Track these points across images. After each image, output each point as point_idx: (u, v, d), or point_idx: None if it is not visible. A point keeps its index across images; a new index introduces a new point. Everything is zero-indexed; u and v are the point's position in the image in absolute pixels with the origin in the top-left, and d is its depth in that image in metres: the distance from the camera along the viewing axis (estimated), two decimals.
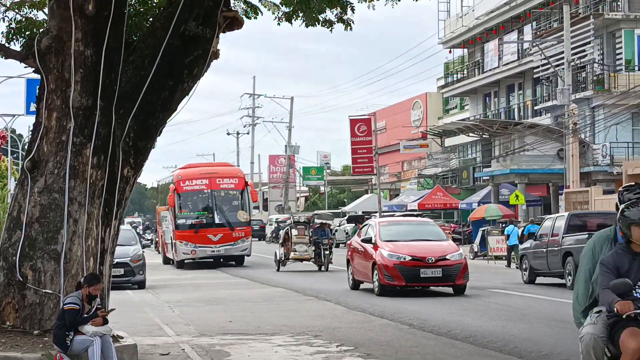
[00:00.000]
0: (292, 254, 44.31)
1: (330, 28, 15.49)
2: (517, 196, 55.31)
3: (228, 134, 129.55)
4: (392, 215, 64.97)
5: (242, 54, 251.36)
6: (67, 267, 14.22)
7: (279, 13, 15.65)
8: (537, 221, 45.74)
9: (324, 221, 49.11)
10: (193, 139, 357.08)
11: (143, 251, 35.13)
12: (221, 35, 15.74)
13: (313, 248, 44.20)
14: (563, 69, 54.74)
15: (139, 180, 17.24)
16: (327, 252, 44.18)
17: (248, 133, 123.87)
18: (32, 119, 19.40)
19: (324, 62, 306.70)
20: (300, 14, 14.39)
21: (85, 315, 13.33)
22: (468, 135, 71.97)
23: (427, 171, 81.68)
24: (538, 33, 64.80)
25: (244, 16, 16.53)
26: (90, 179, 14.39)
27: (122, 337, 15.05)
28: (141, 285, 33.05)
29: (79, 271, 14.21)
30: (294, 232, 44.89)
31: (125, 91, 14.81)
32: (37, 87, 15.24)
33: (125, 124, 14.84)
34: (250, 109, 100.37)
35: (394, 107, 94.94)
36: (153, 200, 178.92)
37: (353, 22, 15.56)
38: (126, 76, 14.91)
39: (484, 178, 70.23)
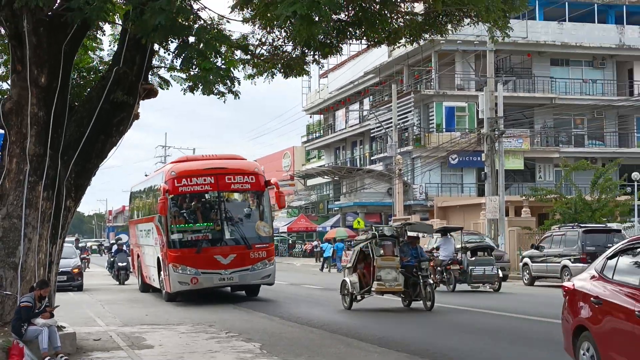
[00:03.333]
0: (375, 285, 21.42)
1: (222, 98, 15.41)
2: (358, 222, 56.00)
3: (146, 175, 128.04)
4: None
5: (158, 116, 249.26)
6: (23, 274, 14.00)
7: (184, 85, 15.54)
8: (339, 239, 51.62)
9: (418, 234, 25.76)
10: (119, 178, 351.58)
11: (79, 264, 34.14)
12: (141, 102, 15.65)
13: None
14: (392, 130, 55.43)
15: (78, 209, 16.96)
16: (431, 283, 22.10)
17: None
18: None
19: (219, 122, 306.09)
20: (200, 86, 14.27)
21: (37, 311, 13.37)
22: (324, 177, 72.72)
23: (294, 203, 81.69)
24: (374, 104, 65.61)
25: (158, 87, 16.50)
26: (41, 208, 14.19)
27: (65, 327, 14.84)
28: (79, 288, 32.34)
29: (32, 278, 14.01)
30: (375, 250, 21.75)
31: (69, 143, 14.70)
32: (2, 139, 14.96)
33: (68, 167, 14.72)
34: (163, 157, 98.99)
35: (270, 156, 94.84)
36: (90, 225, 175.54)
37: (240, 93, 15.52)
38: (69, 131, 14.76)
39: (335, 209, 70.64)
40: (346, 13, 15.19)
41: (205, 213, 24.66)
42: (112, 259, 40.50)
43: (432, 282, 22.39)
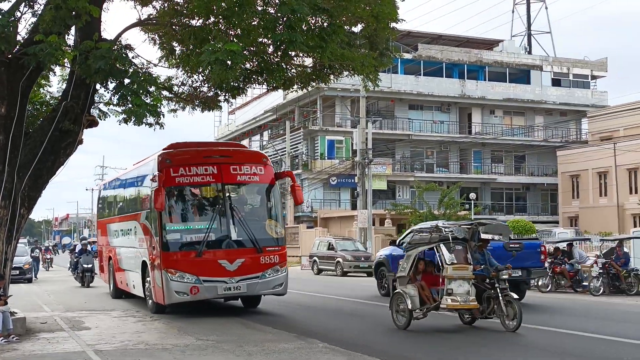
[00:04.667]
0: (449, 300, 13.56)
1: (151, 128, 15.23)
2: None
3: (86, 189, 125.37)
4: None
5: (98, 141, 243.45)
6: None
7: (120, 117, 15.29)
8: None
9: (494, 236, 18.68)
10: (64, 192, 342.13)
11: (30, 260, 33.00)
12: (85, 130, 15.34)
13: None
14: (285, 157, 55.55)
15: (30, 216, 16.46)
16: (516, 297, 14.06)
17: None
18: None
19: (149, 147, 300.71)
20: (133, 118, 14.05)
21: None
22: None
23: None
24: (272, 136, 65.62)
25: (99, 119, 16.19)
26: None
27: (16, 312, 14.41)
28: (30, 280, 31.36)
29: None
30: (446, 255, 13.69)
31: (24, 162, 14.26)
32: None
33: (23, 182, 14.27)
34: (101, 175, 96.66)
35: None
36: (39, 229, 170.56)
37: (164, 124, 15.36)
38: (24, 153, 14.32)
39: None
40: (251, 63, 15.31)
41: (207, 209, 16.79)
42: (75, 260, 30.70)
43: (516, 296, 14.26)
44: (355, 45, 15.39)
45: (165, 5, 15.46)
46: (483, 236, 15.82)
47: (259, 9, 13.52)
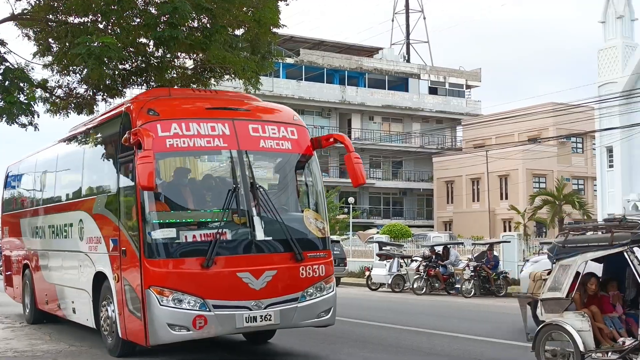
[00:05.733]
0: None
1: (24, 128, 14.75)
2: None
3: None
4: None
5: None
6: None
7: None
8: None
9: None
10: None
11: None
12: None
13: None
14: None
15: None
16: None
17: None
18: None
19: (24, 148, 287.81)
20: (4, 117, 13.58)
21: None
22: None
23: None
24: None
25: None
26: None
27: None
28: None
29: None
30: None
31: None
32: None
33: None
34: None
35: None
36: None
37: (38, 125, 14.90)
38: None
39: None
40: (130, 63, 15.10)
41: (217, 191, 10.33)
42: None
43: None
44: (237, 48, 15.47)
45: (41, 0, 15.00)
46: None
47: (141, 8, 13.39)
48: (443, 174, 61.64)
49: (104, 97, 16.52)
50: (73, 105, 16.43)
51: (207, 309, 9.46)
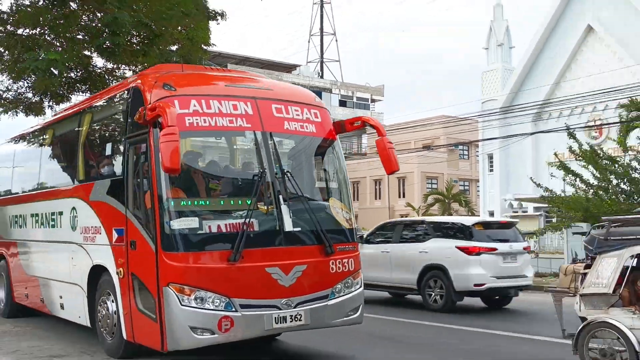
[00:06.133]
0: None
1: None
2: None
3: None
4: None
5: None
6: None
7: None
8: None
9: None
10: None
11: None
12: None
13: None
14: None
15: None
16: None
17: None
18: None
19: None
20: None
21: None
22: None
23: None
24: None
25: None
26: None
27: None
28: None
29: None
30: None
31: None
32: None
33: None
34: None
35: None
36: None
37: None
38: None
39: None
40: (76, 73, 14.76)
41: (241, 176, 8.26)
42: None
43: None
44: (172, 62, 15.28)
45: None
46: None
47: (83, 23, 13.10)
48: (351, 176, 61.79)
49: (50, 103, 16.05)
50: (22, 107, 15.90)
51: (234, 309, 7.19)
